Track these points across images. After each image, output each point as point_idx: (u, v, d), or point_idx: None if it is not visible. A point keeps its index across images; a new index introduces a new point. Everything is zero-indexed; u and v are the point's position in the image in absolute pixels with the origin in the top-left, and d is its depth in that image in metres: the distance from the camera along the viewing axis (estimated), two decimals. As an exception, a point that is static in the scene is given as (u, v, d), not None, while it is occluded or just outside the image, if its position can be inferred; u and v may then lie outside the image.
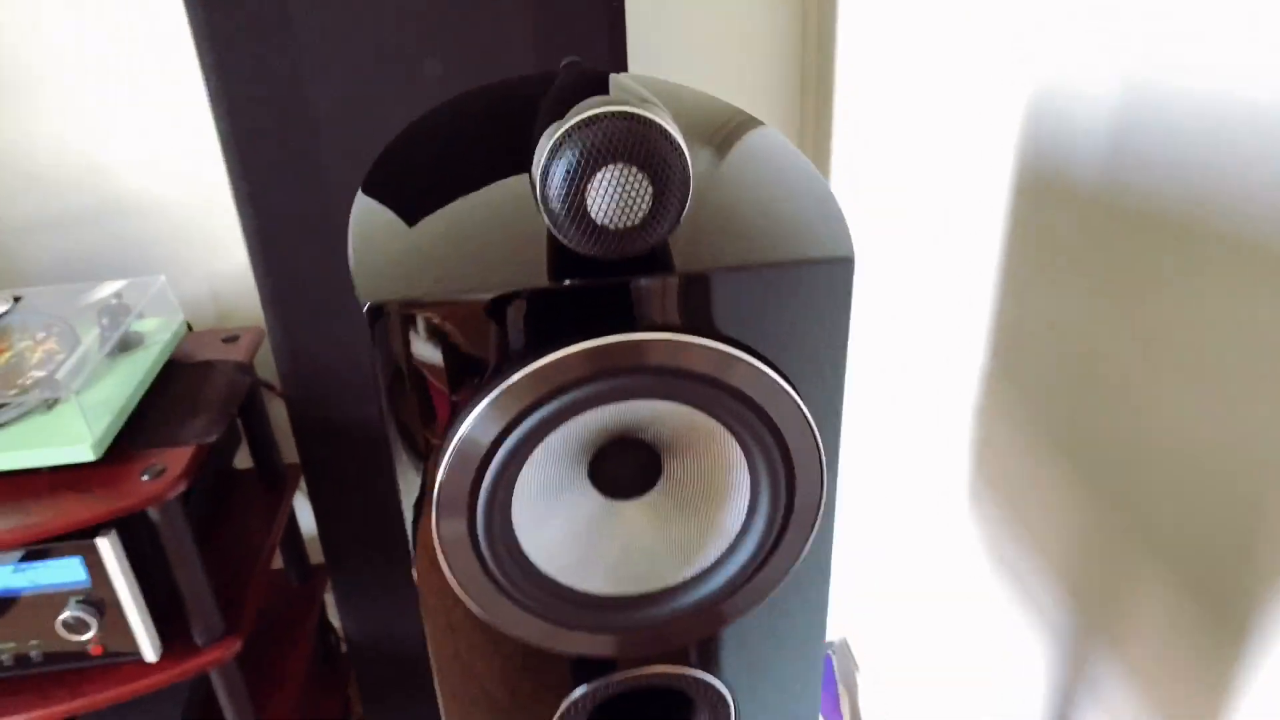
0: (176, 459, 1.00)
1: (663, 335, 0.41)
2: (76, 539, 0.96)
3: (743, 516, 0.45)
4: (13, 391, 1.00)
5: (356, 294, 0.40)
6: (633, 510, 0.45)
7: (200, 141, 1.25)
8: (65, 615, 0.99)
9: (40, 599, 0.99)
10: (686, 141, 0.40)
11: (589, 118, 0.37)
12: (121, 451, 1.01)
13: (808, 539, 0.47)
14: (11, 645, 1.01)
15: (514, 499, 0.43)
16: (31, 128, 1.21)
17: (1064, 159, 0.70)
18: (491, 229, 0.43)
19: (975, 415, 0.89)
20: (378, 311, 0.40)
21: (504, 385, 0.41)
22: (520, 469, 0.42)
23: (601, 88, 0.40)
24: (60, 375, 1.03)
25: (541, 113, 0.42)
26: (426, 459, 0.44)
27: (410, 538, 0.47)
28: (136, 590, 1.00)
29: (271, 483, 1.34)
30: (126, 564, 0.98)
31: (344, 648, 1.64)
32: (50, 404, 1.02)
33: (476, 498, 0.42)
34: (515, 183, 0.46)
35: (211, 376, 1.15)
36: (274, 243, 1.06)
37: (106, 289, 1.15)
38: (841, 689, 1.47)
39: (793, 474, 0.44)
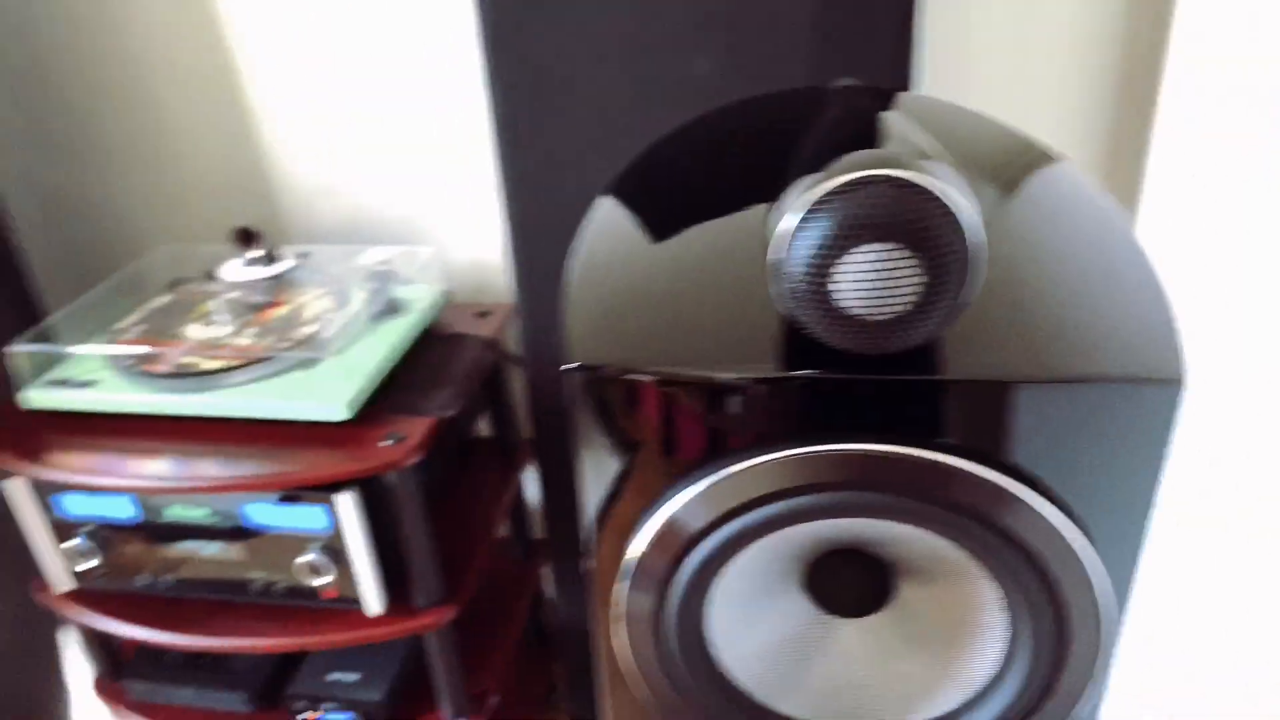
0: (416, 429, 1.03)
1: (927, 454, 0.33)
2: (322, 490, 1.02)
3: (993, 669, 0.37)
4: (284, 345, 1.08)
5: (568, 348, 0.36)
6: (852, 633, 0.38)
7: (479, 124, 1.29)
8: (306, 558, 1.05)
9: (287, 539, 1.06)
10: (976, 207, 0.31)
11: (847, 182, 0.30)
12: (370, 414, 1.06)
13: (1073, 707, 0.37)
14: (261, 575, 1.10)
15: (714, 593, 0.38)
16: (329, 106, 1.30)
17: None
18: (730, 286, 0.37)
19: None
20: (586, 371, 0.36)
21: (726, 473, 0.35)
22: (725, 563, 0.36)
23: (871, 129, 0.32)
24: (327, 335, 1.09)
25: (797, 157, 0.35)
26: (610, 520, 0.39)
27: (595, 520, 0.43)
28: (369, 546, 1.05)
29: (507, 455, 1.38)
30: (363, 520, 1.03)
31: (555, 626, 1.67)
32: (315, 360, 1.08)
33: (670, 582, 0.37)
34: (762, 230, 0.40)
35: (461, 350, 1.19)
36: (529, 226, 1.07)
37: (379, 254, 1.21)
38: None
39: (1067, 634, 0.35)
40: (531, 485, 1.57)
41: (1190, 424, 0.91)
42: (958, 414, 0.33)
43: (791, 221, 0.32)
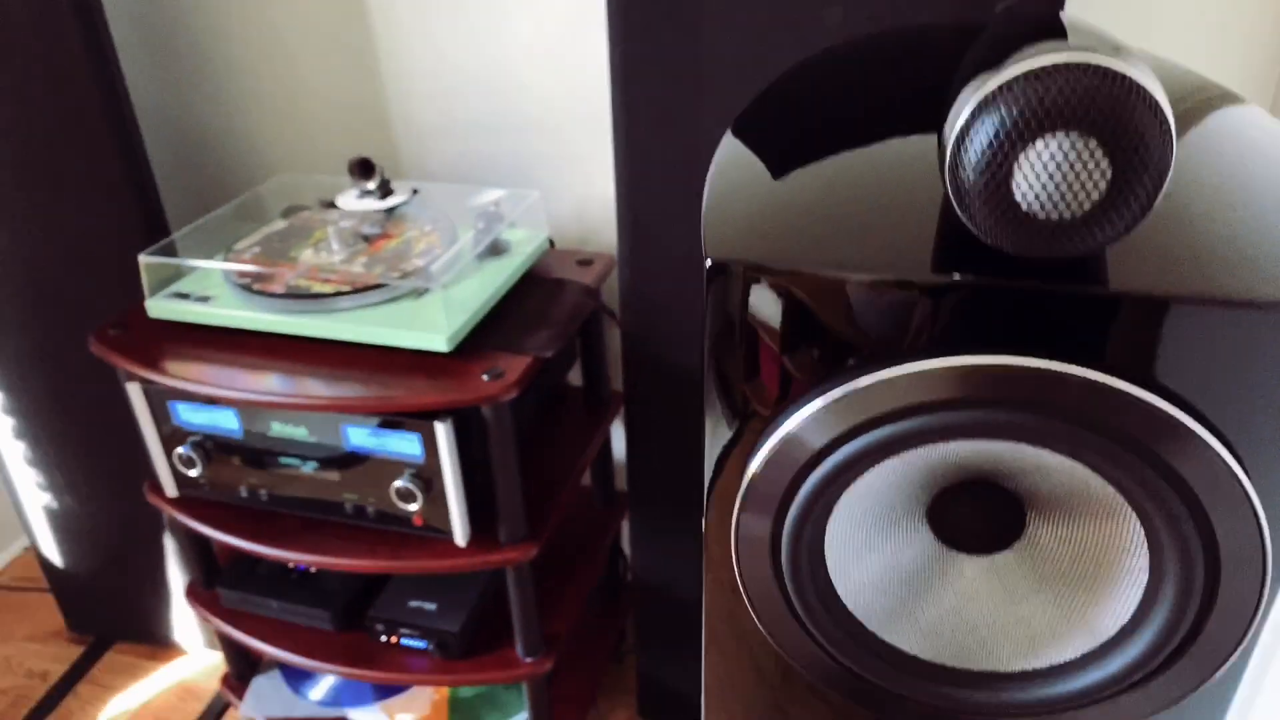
0: (515, 366, 1.04)
1: (1087, 373, 0.31)
2: (419, 418, 1.04)
3: (1127, 616, 0.35)
4: (395, 275, 1.10)
5: (703, 245, 0.35)
6: (974, 569, 0.37)
7: (595, 72, 1.29)
8: (399, 483, 1.08)
9: (383, 464, 1.09)
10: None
11: (1039, 69, 0.28)
12: (470, 348, 1.07)
13: (1218, 666, 0.35)
14: (355, 497, 1.13)
15: (833, 516, 0.37)
16: (449, 46, 1.31)
17: None
18: (874, 194, 0.36)
19: None
20: (720, 269, 0.35)
21: (851, 388, 0.34)
22: (848, 486, 0.35)
23: (1055, 34, 0.30)
24: (435, 268, 1.11)
25: (967, 60, 0.33)
26: (741, 440, 0.39)
27: (707, 485, 0.43)
28: (459, 477, 1.07)
29: (595, 405, 1.39)
30: (455, 451, 1.05)
31: (630, 578, 1.69)
32: (421, 292, 1.10)
33: (789, 503, 0.37)
34: (913, 144, 0.39)
35: (561, 295, 1.20)
36: (640, 179, 1.06)
37: (487, 195, 1.23)
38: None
39: (1216, 584, 0.33)
40: (618, 438, 1.58)
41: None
42: (1120, 333, 0.31)
43: (973, 108, 0.30)
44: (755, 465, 0.38)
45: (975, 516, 0.36)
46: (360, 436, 1.08)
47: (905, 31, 0.49)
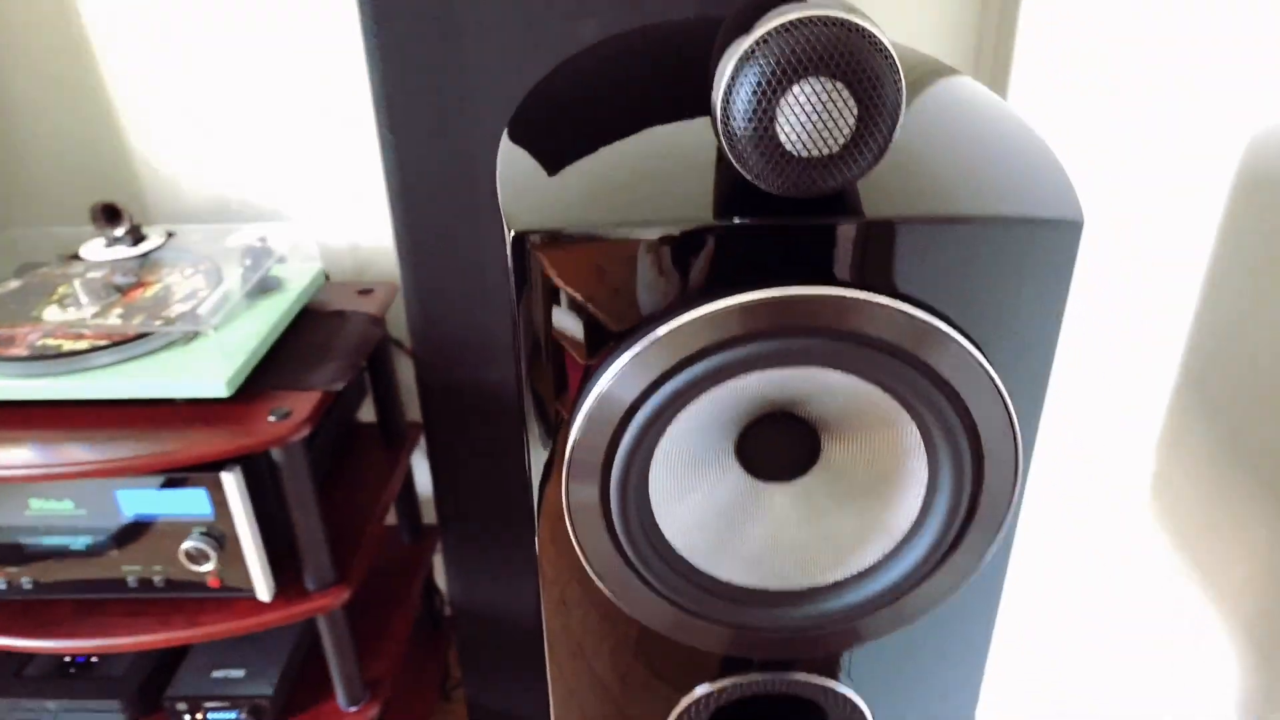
0: (303, 403, 1.00)
1: (846, 292, 0.35)
2: (204, 471, 0.97)
3: (914, 514, 0.39)
4: (158, 322, 1.03)
5: (505, 224, 0.36)
6: (782, 496, 0.40)
7: (354, 95, 1.26)
8: (188, 545, 1.00)
9: (167, 526, 1.01)
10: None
11: (788, 22, 0.32)
12: (252, 390, 1.02)
13: (991, 543, 0.40)
14: (138, 568, 1.04)
15: (652, 467, 0.39)
16: (190, 80, 1.24)
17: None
18: (656, 163, 0.38)
19: (1165, 418, 0.80)
20: (521, 242, 0.36)
21: (650, 339, 0.36)
22: (662, 434, 0.38)
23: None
24: (202, 310, 1.05)
25: (723, 30, 0.37)
26: (560, 418, 0.40)
27: (535, 501, 0.44)
28: (255, 528, 1.01)
29: (392, 438, 1.35)
30: (248, 501, 0.99)
31: (448, 612, 1.65)
32: (189, 338, 1.04)
33: (612, 461, 0.38)
34: (684, 117, 0.42)
35: (344, 327, 1.16)
36: (415, 199, 1.05)
37: (251, 232, 1.17)
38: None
39: (981, 468, 0.38)
40: (419, 470, 1.55)
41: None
42: (876, 256, 0.35)
43: (736, 63, 0.33)
44: (575, 433, 0.39)
45: (777, 447, 0.39)
46: (137, 502, 1.00)
47: (665, 25, 0.52)
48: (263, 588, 1.05)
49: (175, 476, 0.98)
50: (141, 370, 1.00)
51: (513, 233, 0.36)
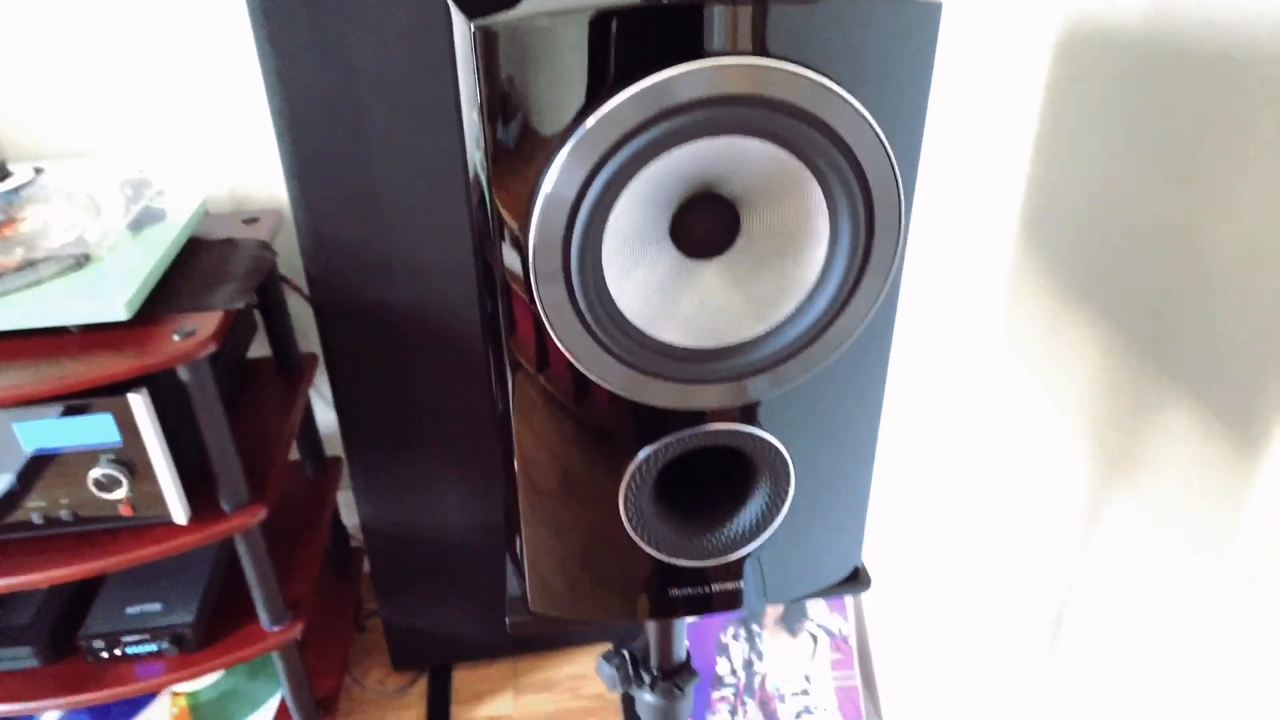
0: (206, 322, 1.01)
1: (756, 60, 0.42)
2: (109, 395, 0.97)
3: (820, 266, 0.47)
4: (39, 254, 1.01)
5: (469, 29, 0.41)
6: (711, 269, 0.47)
7: (226, 13, 1.24)
8: (96, 473, 1.00)
9: (74, 457, 1.00)
10: None
11: None
12: (152, 314, 1.02)
13: (882, 287, 0.48)
14: (42, 504, 1.03)
15: (604, 252, 0.45)
16: (48, 4, 1.20)
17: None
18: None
19: (1007, 266, 0.92)
20: (487, 32, 0.41)
21: (581, 131, 0.42)
22: (606, 220, 0.44)
23: None
24: (91, 236, 1.04)
25: None
26: (524, 229, 0.45)
27: (503, 315, 0.49)
28: (166, 451, 1.02)
29: (288, 370, 1.36)
30: (157, 423, 1.00)
31: (354, 544, 1.67)
32: (80, 262, 1.02)
33: (569, 252, 0.44)
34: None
35: (235, 253, 1.16)
36: (302, 119, 1.06)
37: (127, 163, 1.15)
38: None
39: (873, 219, 0.46)
40: (318, 407, 1.56)
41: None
42: (765, 29, 0.42)
43: None
44: (533, 239, 0.45)
45: (704, 225, 0.46)
46: (38, 434, 0.99)
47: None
48: (178, 511, 1.05)
49: (78, 404, 0.97)
50: (31, 300, 0.98)
51: (474, 27, 0.41)
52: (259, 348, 1.46)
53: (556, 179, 0.44)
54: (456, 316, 1.22)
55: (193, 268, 1.12)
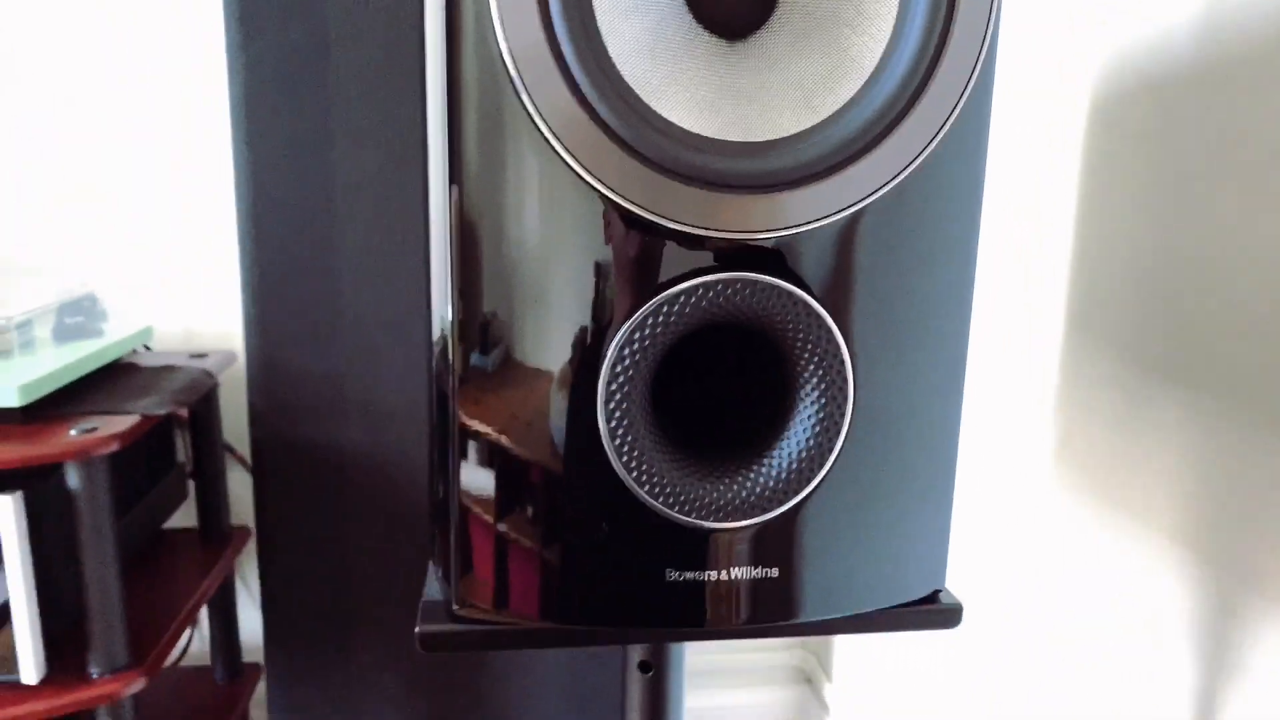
0: (115, 423, 0.85)
1: None
2: (-28, 495, 0.79)
3: (885, 40, 0.34)
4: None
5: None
6: (740, 46, 0.34)
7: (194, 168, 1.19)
8: (-66, 602, 0.79)
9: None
10: None
11: None
12: (51, 411, 0.86)
13: (963, 90, 0.35)
14: None
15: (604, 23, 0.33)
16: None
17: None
18: None
19: (1060, 338, 0.78)
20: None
21: None
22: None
23: None
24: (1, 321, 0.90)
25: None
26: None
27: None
28: (31, 581, 0.81)
29: (214, 541, 1.16)
30: (26, 541, 0.81)
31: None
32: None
33: (550, 23, 0.32)
34: None
35: (171, 374, 1.02)
36: (266, 229, 0.98)
37: (72, 280, 1.05)
38: None
39: None
40: (244, 606, 1.33)
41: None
42: None
43: None
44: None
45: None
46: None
47: None
48: (32, 665, 0.82)
49: (-67, 505, 0.78)
50: (-90, 384, 0.83)
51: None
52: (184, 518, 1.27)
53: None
54: (409, 461, 1.05)
55: (118, 382, 0.98)
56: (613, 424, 0.37)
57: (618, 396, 0.37)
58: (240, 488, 1.28)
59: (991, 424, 0.89)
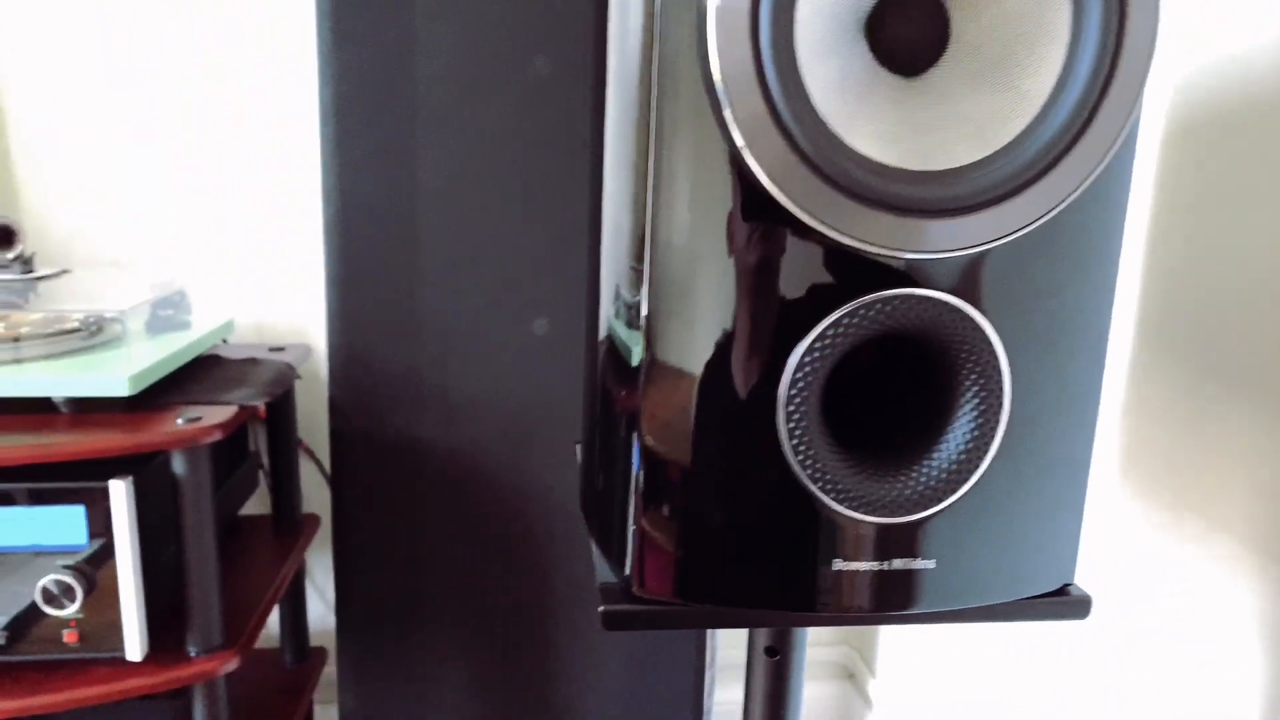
0: (215, 414, 0.89)
1: None
2: (86, 480, 0.83)
3: (1057, 71, 0.37)
4: (50, 329, 0.91)
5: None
6: (917, 83, 0.38)
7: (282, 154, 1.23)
8: (47, 580, 0.83)
9: (20, 563, 0.84)
10: None
11: None
12: (156, 400, 0.90)
13: (1130, 111, 0.38)
14: (-29, 622, 0.85)
15: (796, 30, 0.36)
16: (92, 126, 1.20)
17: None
18: None
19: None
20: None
21: None
22: (791, 30, 0.36)
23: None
24: (108, 312, 0.94)
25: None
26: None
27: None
28: (138, 563, 0.85)
29: (287, 530, 1.20)
30: (135, 526, 0.85)
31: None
32: (88, 337, 0.93)
33: (759, 27, 0.35)
34: None
35: (256, 368, 1.06)
36: (351, 226, 1.02)
37: (158, 273, 1.09)
38: None
39: (1126, 7, 0.37)
40: (312, 596, 1.37)
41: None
42: None
43: None
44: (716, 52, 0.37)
45: (906, 33, 0.38)
46: (-8, 524, 0.83)
47: None
48: (134, 644, 0.87)
49: (45, 489, 0.82)
50: (23, 371, 0.87)
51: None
52: (257, 505, 1.31)
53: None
54: (487, 456, 1.09)
55: (209, 372, 1.02)
56: (791, 425, 0.41)
57: (797, 400, 0.40)
58: (305, 478, 1.32)
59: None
